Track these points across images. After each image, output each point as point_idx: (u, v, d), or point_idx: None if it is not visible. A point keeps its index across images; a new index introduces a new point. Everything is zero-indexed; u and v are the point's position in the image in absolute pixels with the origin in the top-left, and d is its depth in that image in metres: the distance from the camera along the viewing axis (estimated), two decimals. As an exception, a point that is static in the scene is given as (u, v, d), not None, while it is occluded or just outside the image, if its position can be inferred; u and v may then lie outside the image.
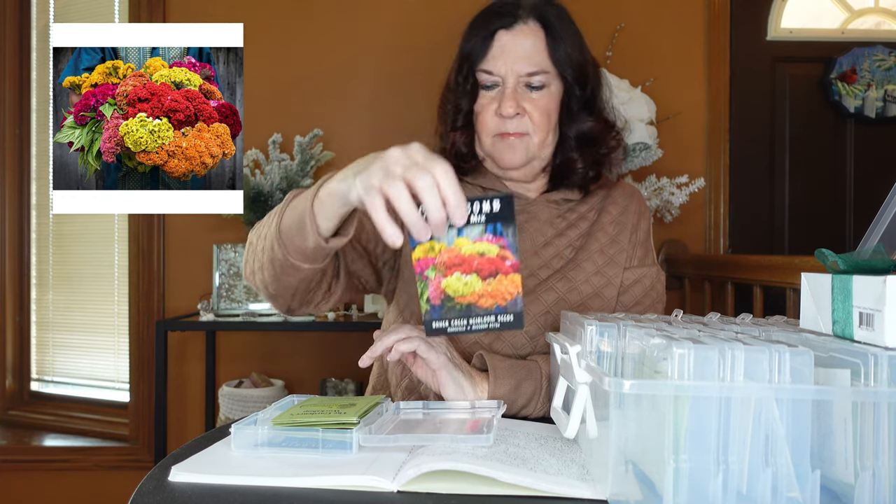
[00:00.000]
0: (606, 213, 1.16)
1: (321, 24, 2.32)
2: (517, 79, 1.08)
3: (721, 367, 0.55)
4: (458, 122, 1.14)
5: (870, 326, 0.58)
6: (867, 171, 2.48)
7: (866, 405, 0.55)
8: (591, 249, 1.12)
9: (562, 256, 1.12)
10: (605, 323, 0.72)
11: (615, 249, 1.13)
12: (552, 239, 1.13)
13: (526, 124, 1.08)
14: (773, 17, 2.48)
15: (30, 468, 2.32)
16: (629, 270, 1.12)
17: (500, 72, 1.08)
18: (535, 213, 1.15)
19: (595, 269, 1.11)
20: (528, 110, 1.08)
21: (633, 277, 1.12)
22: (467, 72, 1.11)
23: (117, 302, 2.43)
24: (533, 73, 1.07)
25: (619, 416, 0.57)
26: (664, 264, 2.30)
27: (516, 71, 1.07)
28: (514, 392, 0.93)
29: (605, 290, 1.10)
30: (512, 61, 1.07)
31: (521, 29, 1.08)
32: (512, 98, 1.07)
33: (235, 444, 0.74)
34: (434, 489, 0.64)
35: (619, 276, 1.11)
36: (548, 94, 1.09)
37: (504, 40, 1.08)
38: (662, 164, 2.12)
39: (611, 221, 1.16)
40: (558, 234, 1.14)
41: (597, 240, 1.13)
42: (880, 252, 0.62)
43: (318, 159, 2.13)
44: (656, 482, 0.56)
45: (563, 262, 1.11)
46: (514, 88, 1.08)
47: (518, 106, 1.07)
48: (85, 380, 2.50)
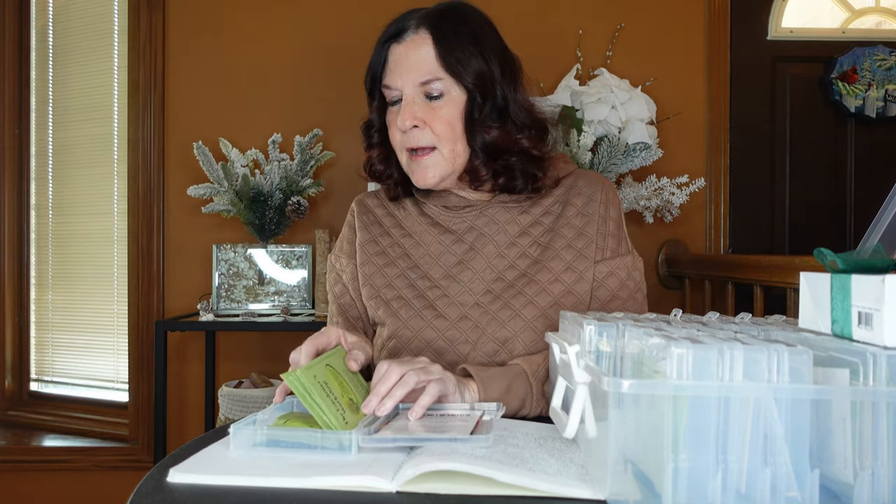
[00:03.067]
0: (571, 206, 1.12)
1: (321, 24, 2.32)
2: (414, 89, 1.06)
3: (720, 366, 0.55)
4: (374, 138, 1.15)
5: (869, 326, 0.58)
6: (867, 171, 2.48)
7: (865, 404, 0.55)
8: (558, 246, 1.09)
9: (527, 255, 1.10)
10: (604, 322, 0.72)
11: (583, 242, 1.09)
12: (515, 238, 1.11)
13: (428, 136, 1.06)
14: (774, 16, 2.48)
15: (29, 468, 2.32)
16: (601, 263, 1.09)
17: (397, 84, 1.07)
18: (492, 215, 1.13)
19: (564, 265, 1.08)
20: (429, 121, 1.06)
21: (606, 270, 1.09)
22: (372, 88, 1.12)
23: (117, 302, 2.43)
24: (426, 81, 1.05)
25: (618, 416, 0.57)
26: (664, 264, 2.30)
27: (411, 81, 1.06)
28: (505, 395, 0.93)
29: (576, 285, 1.07)
30: (405, 72, 1.06)
31: (411, 39, 1.06)
32: (408, 109, 1.06)
33: (234, 444, 0.74)
34: (433, 489, 0.64)
35: (591, 270, 1.08)
36: (449, 101, 1.06)
37: (397, 52, 1.07)
38: (662, 164, 2.12)
39: (576, 213, 1.12)
40: (521, 232, 1.11)
41: (562, 235, 1.10)
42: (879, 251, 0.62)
43: (318, 159, 2.13)
44: (655, 482, 0.56)
45: (529, 261, 1.09)
46: (411, 100, 1.06)
47: (415, 118, 1.05)
48: (84, 380, 2.49)
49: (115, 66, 2.43)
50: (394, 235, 1.16)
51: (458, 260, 1.11)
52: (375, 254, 1.15)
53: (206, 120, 2.30)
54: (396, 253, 1.14)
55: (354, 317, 1.17)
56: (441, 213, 1.15)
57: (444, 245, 1.13)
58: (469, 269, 1.10)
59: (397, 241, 1.16)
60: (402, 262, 1.13)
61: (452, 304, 1.08)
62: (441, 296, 1.09)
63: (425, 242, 1.14)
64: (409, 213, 1.18)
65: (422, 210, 1.17)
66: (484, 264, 1.10)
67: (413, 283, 1.11)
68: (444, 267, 1.11)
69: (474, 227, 1.13)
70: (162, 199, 2.31)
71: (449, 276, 1.10)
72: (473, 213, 1.14)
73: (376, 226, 1.19)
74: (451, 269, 1.10)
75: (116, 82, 2.43)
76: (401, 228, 1.17)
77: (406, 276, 1.12)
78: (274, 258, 2.15)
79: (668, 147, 2.17)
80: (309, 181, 2.12)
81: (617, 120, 1.98)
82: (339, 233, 2.23)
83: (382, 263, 1.14)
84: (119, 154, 2.43)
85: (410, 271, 1.12)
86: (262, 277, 2.14)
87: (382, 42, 1.09)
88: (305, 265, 2.16)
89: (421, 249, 1.13)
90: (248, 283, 2.14)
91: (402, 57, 1.06)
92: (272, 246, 2.15)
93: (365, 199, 1.24)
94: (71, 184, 2.51)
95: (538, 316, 1.05)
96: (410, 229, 1.16)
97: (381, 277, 1.13)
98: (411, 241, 1.15)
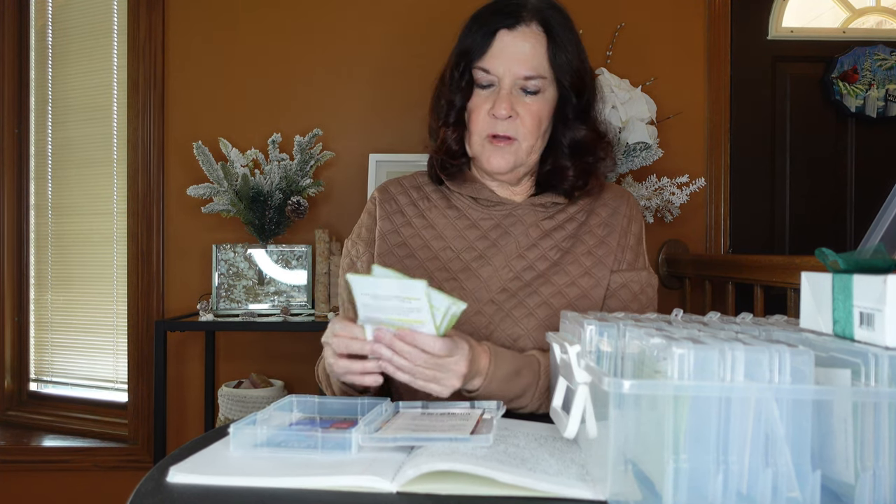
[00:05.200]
0: (595, 216, 1.15)
1: (321, 23, 2.32)
2: (514, 80, 1.07)
3: (721, 367, 0.55)
4: (451, 118, 1.14)
5: (870, 326, 0.58)
6: (868, 171, 2.48)
7: (867, 405, 0.55)
8: (578, 252, 1.11)
9: (547, 258, 1.11)
10: (605, 323, 0.72)
11: (603, 251, 1.12)
12: (537, 241, 1.13)
13: (517, 127, 1.08)
14: (774, 16, 2.48)
15: (28, 469, 2.32)
16: (616, 274, 1.11)
17: (498, 71, 1.07)
18: (520, 216, 1.14)
19: (582, 270, 1.10)
20: (521, 114, 1.07)
21: (619, 281, 1.11)
22: (464, 68, 1.10)
23: (116, 302, 2.43)
24: (530, 76, 1.07)
25: (618, 416, 0.57)
26: (664, 264, 2.29)
27: (514, 73, 1.07)
28: (513, 378, 0.94)
29: (593, 291, 1.09)
30: (511, 62, 1.06)
31: (522, 31, 1.07)
32: (506, 100, 1.07)
33: (234, 444, 0.74)
34: (433, 490, 0.64)
35: (607, 277, 1.10)
36: (542, 99, 1.09)
37: (505, 40, 1.07)
38: (663, 164, 2.12)
39: (599, 224, 1.14)
40: (544, 235, 1.13)
41: (584, 242, 1.12)
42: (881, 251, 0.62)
43: (318, 159, 2.13)
44: (656, 482, 0.56)
45: (548, 264, 1.10)
46: (509, 90, 1.07)
47: (511, 108, 1.07)
48: (84, 380, 2.49)
49: (114, 66, 2.43)
50: (415, 226, 1.17)
51: (479, 255, 1.12)
52: (397, 245, 1.16)
53: (206, 120, 2.30)
54: (417, 244, 1.15)
55: None
56: (470, 207, 1.16)
57: (467, 240, 1.13)
58: (489, 265, 1.11)
59: (418, 233, 1.16)
60: (421, 254, 1.14)
61: (469, 298, 1.09)
62: (458, 288, 1.10)
63: (447, 236, 1.14)
64: (434, 205, 1.18)
65: (450, 202, 1.18)
66: (503, 262, 1.11)
67: (432, 275, 1.11)
68: (463, 261, 1.12)
69: (500, 225, 1.14)
70: (161, 199, 2.31)
71: (468, 269, 1.11)
72: (502, 212, 1.15)
73: (399, 215, 1.18)
74: (471, 263, 1.11)
75: (116, 82, 2.43)
76: (423, 219, 1.17)
77: (425, 267, 1.12)
78: (274, 258, 2.15)
79: (669, 147, 2.17)
80: (309, 181, 2.12)
81: (617, 120, 1.98)
82: (339, 233, 2.24)
83: (403, 255, 1.14)
84: (119, 154, 2.43)
85: (429, 262, 1.13)
86: (261, 277, 2.14)
87: (490, 26, 1.08)
88: (305, 265, 2.16)
89: (442, 242, 1.14)
90: (247, 283, 2.13)
91: (512, 46, 1.07)
92: (272, 246, 2.15)
93: (389, 186, 1.23)
94: (70, 184, 2.51)
95: (550, 315, 1.06)
96: (433, 221, 1.16)
97: (400, 269, 1.14)
98: (433, 232, 1.15)
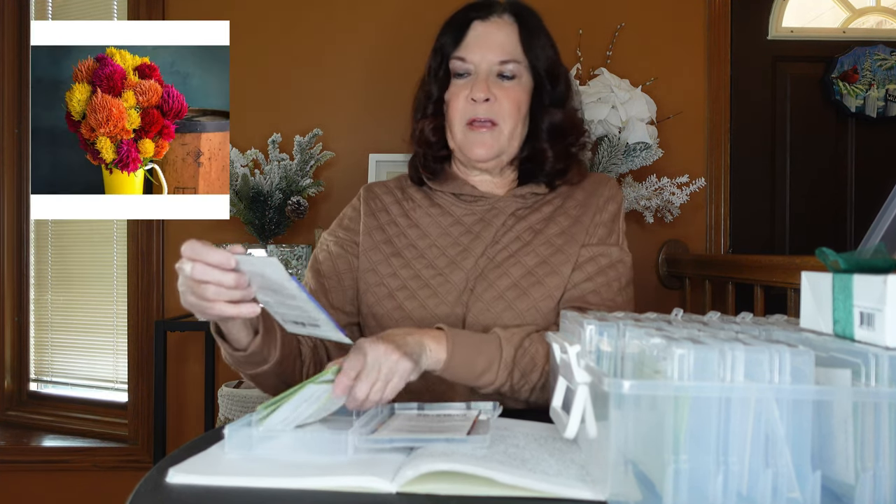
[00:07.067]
0: (572, 199, 1.17)
1: (321, 23, 2.32)
2: (490, 66, 1.12)
3: (721, 367, 0.55)
4: (429, 109, 1.18)
5: (870, 326, 0.58)
6: (868, 171, 2.47)
7: (867, 405, 0.55)
8: (551, 232, 1.13)
9: (520, 239, 1.13)
10: (605, 322, 0.72)
11: (577, 228, 1.13)
12: (513, 225, 1.14)
13: (496, 111, 1.11)
14: (774, 16, 2.48)
15: (28, 469, 2.32)
16: (586, 248, 1.12)
17: (474, 59, 1.12)
18: (501, 207, 1.16)
19: (553, 249, 1.11)
20: (499, 97, 1.11)
21: (588, 255, 1.11)
22: (441, 60, 1.16)
23: (116, 302, 2.43)
24: (505, 60, 1.12)
25: (618, 417, 0.57)
26: (664, 264, 2.29)
27: (489, 59, 1.12)
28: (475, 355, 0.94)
29: (563, 267, 1.10)
30: (485, 49, 1.12)
31: (496, 20, 1.14)
32: (484, 83, 1.11)
33: (229, 446, 0.74)
34: (433, 490, 0.64)
35: (577, 253, 1.11)
36: (518, 84, 1.13)
37: (479, 30, 1.13)
38: (663, 164, 2.11)
39: (575, 205, 1.16)
40: (519, 219, 1.15)
41: (558, 223, 1.14)
42: (881, 251, 0.62)
43: (318, 159, 2.13)
44: (656, 483, 0.56)
45: (521, 244, 1.12)
46: (486, 76, 1.12)
47: (489, 91, 1.11)
48: (83, 380, 2.49)
49: (114, 66, 2.43)
50: (400, 225, 1.18)
51: (463, 248, 1.13)
52: (383, 241, 1.17)
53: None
54: (402, 243, 1.16)
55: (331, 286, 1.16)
56: (453, 203, 1.18)
57: (451, 236, 1.15)
58: (471, 256, 1.12)
59: (403, 231, 1.18)
60: (407, 253, 1.15)
61: (454, 291, 1.10)
62: (444, 283, 1.11)
63: (432, 234, 1.16)
64: (418, 205, 1.20)
65: (433, 201, 1.20)
66: (481, 251, 1.12)
67: (419, 273, 1.12)
68: (448, 256, 1.13)
69: (483, 219, 1.16)
70: (161, 199, 2.30)
71: (454, 264, 1.12)
72: (485, 206, 1.17)
73: (384, 213, 1.21)
74: (456, 257, 1.13)
75: (116, 82, 2.43)
76: (407, 218, 1.19)
77: (411, 266, 1.13)
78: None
79: (669, 147, 2.16)
80: (309, 181, 2.11)
81: (617, 120, 1.98)
82: (338, 233, 2.24)
83: (389, 252, 1.16)
84: (118, 154, 2.42)
85: (416, 261, 1.14)
86: (261, 277, 2.14)
87: (464, 18, 1.15)
88: (305, 265, 2.16)
89: (427, 240, 1.16)
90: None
91: (485, 35, 1.13)
92: (272, 246, 2.15)
93: (374, 186, 1.27)
94: (70, 184, 2.51)
95: (520, 296, 1.07)
96: (417, 220, 1.18)
97: (386, 266, 1.15)
98: (417, 231, 1.17)
